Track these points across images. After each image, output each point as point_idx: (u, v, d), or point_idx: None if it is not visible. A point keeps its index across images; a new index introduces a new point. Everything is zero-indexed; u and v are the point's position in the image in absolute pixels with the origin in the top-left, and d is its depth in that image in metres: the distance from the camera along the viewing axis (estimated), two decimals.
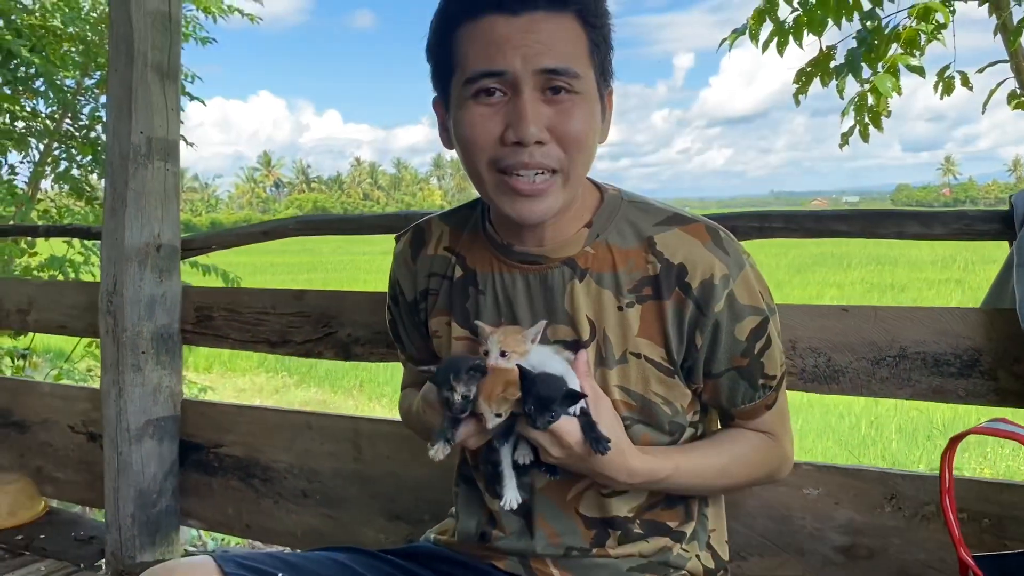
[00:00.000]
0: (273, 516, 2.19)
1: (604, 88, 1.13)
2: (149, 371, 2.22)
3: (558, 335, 1.17)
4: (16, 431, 2.65)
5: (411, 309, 1.34)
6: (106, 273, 2.21)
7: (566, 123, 1.07)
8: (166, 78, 2.23)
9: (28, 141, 6.69)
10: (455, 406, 1.08)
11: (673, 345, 1.14)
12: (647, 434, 1.18)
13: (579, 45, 1.08)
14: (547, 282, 1.18)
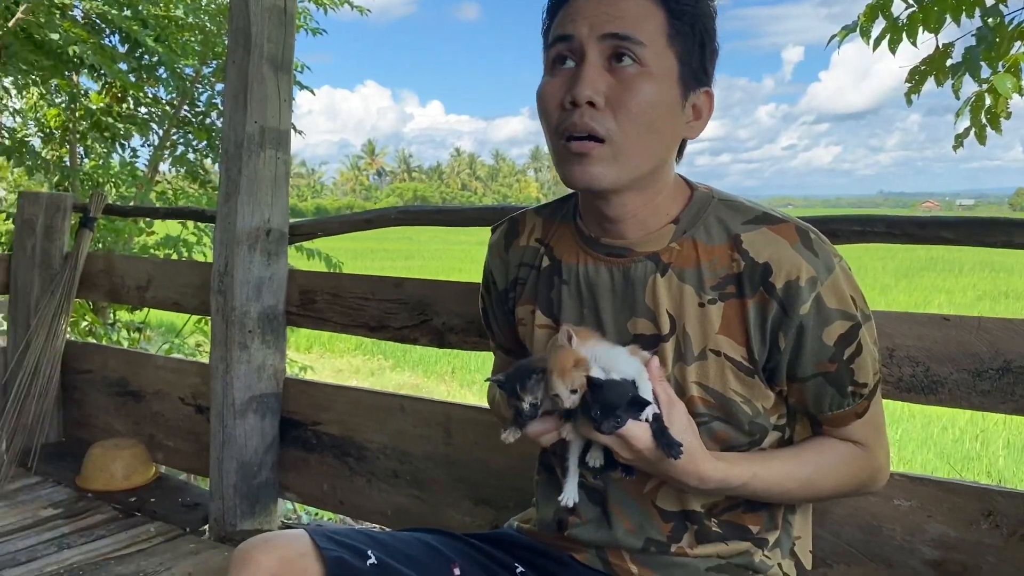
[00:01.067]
0: (365, 494, 2.27)
1: (691, 81, 1.14)
2: (255, 349, 2.34)
3: (638, 328, 1.18)
4: (132, 400, 2.83)
5: (501, 298, 1.38)
6: (218, 255, 2.33)
7: (623, 92, 1.09)
8: (280, 70, 2.33)
9: (149, 126, 7.05)
10: (525, 413, 1.10)
11: (755, 345, 1.13)
12: (725, 431, 1.17)
13: (651, 21, 1.10)
14: (630, 275, 1.19)
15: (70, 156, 6.56)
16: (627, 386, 1.07)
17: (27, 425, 2.73)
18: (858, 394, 1.17)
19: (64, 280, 2.85)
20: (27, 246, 2.88)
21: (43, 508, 2.46)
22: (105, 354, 3.00)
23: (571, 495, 1.20)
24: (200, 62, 6.52)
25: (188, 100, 6.83)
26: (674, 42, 1.10)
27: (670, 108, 1.12)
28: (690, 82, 1.13)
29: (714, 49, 1.16)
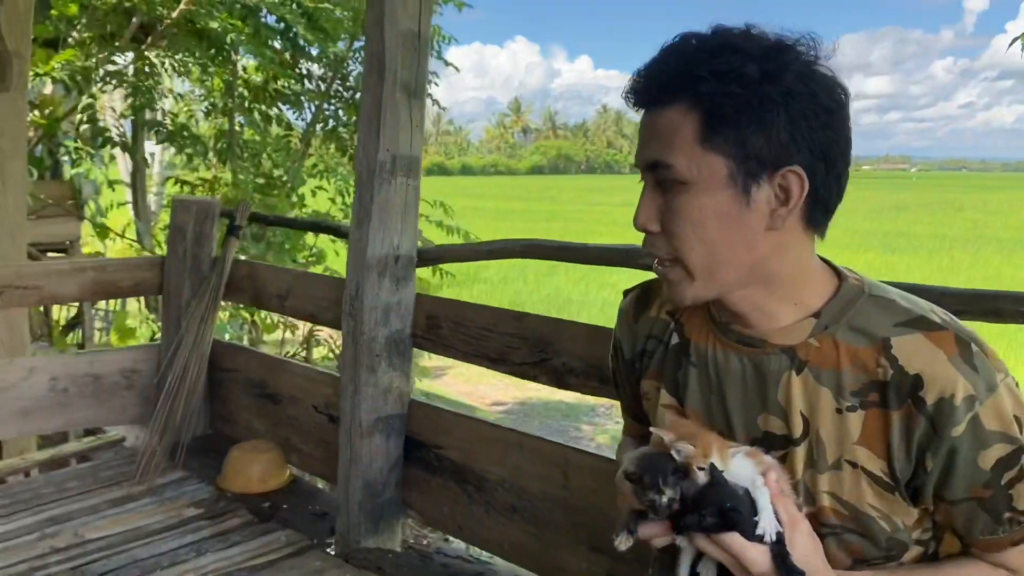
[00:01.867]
0: (483, 523, 2.29)
1: (759, 172, 1.01)
2: (381, 372, 2.39)
3: (769, 425, 1.10)
4: (271, 402, 2.96)
5: (628, 367, 1.33)
6: (350, 279, 2.38)
7: (668, 214, 1.05)
8: (412, 96, 2.33)
9: (302, 102, 7.30)
10: (661, 509, 1.04)
11: (898, 461, 1.03)
12: (859, 544, 1.08)
13: (682, 134, 1.01)
14: (761, 368, 1.11)
15: (229, 126, 6.90)
16: (728, 495, 1.00)
17: (176, 420, 2.91)
18: (1017, 521, 1.05)
19: (211, 284, 3.00)
20: (179, 251, 3.04)
21: (186, 507, 2.62)
22: (247, 356, 3.16)
23: None
24: (351, 38, 6.68)
25: (339, 76, 7.03)
26: (714, 142, 1.00)
27: (725, 214, 1.03)
28: (756, 171, 1.01)
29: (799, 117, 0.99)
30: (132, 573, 2.21)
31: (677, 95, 1.01)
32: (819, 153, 1.01)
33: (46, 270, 2.86)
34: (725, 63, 0.98)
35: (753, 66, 0.98)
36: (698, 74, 0.99)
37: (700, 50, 1.02)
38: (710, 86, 0.98)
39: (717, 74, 0.98)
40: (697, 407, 1.18)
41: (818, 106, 1.00)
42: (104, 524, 2.48)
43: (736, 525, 1.00)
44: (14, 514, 2.53)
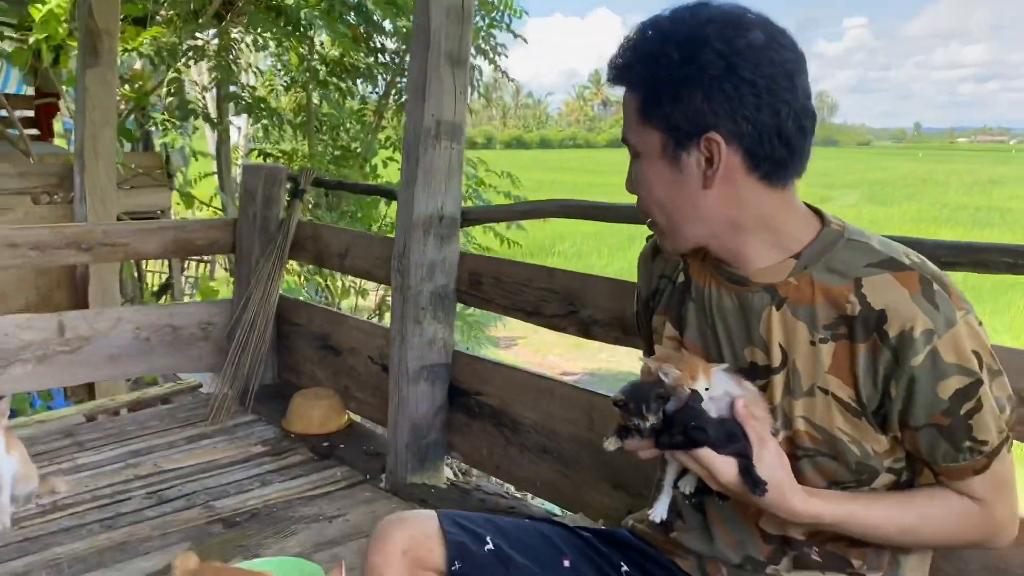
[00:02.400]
0: (518, 463, 2.46)
1: (685, 141, 1.13)
2: (427, 324, 2.58)
3: (754, 357, 1.24)
4: (332, 353, 3.20)
5: (644, 306, 1.48)
6: (399, 237, 2.57)
7: (634, 185, 1.23)
8: (456, 65, 2.48)
9: (375, 75, 7.53)
10: (644, 432, 1.19)
11: (864, 389, 1.15)
12: (831, 467, 1.20)
13: (630, 110, 1.18)
14: (746, 304, 1.24)
15: (307, 101, 7.19)
16: (695, 414, 1.14)
17: (246, 369, 3.18)
18: (976, 451, 1.15)
19: (278, 244, 3.24)
20: (249, 213, 3.29)
21: (254, 445, 2.88)
22: (311, 311, 3.40)
23: (660, 512, 1.31)
24: None
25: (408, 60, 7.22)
26: (650, 117, 1.15)
27: (666, 180, 1.18)
28: (683, 141, 1.14)
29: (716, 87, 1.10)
30: (203, 498, 2.46)
31: (625, 78, 1.18)
32: (744, 119, 1.11)
33: (131, 229, 3.14)
34: (650, 48, 1.14)
35: (672, 48, 1.12)
36: (632, 60, 1.16)
37: (641, 37, 1.16)
38: (639, 70, 1.15)
39: (643, 59, 1.15)
40: (695, 340, 1.32)
41: (739, 79, 1.10)
42: (180, 457, 2.76)
43: (701, 443, 1.14)
44: (103, 446, 2.82)
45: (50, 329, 2.99)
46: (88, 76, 3.95)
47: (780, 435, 1.20)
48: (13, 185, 4.33)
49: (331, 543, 2.22)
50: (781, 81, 1.12)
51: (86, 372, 3.13)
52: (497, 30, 6.77)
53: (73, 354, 3.05)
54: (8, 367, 2.91)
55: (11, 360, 2.93)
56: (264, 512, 2.38)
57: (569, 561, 1.44)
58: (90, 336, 3.08)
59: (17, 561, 2.08)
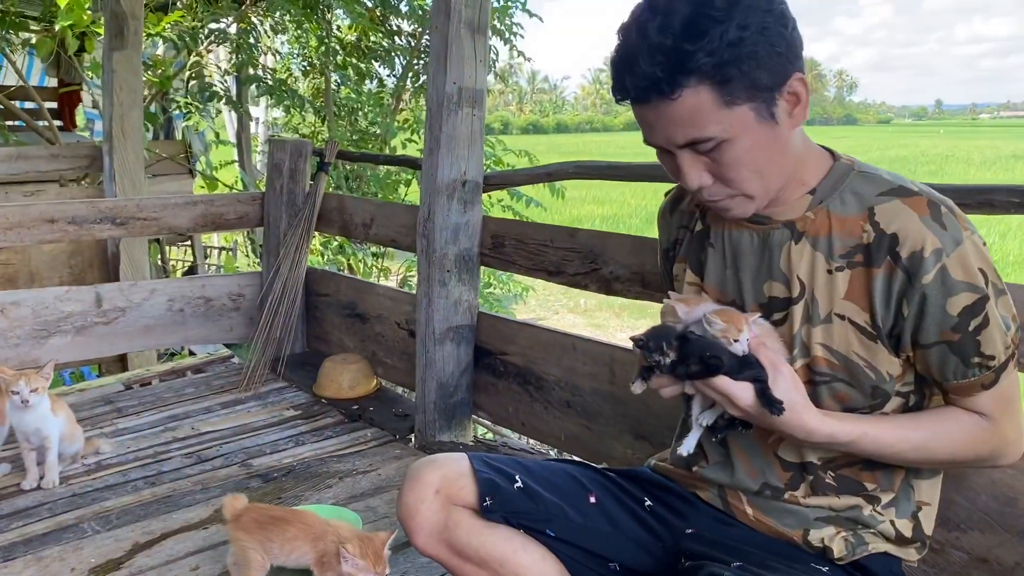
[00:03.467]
0: (543, 419, 2.54)
1: (773, 97, 1.17)
2: (452, 286, 2.65)
3: (773, 291, 1.31)
4: (360, 321, 3.28)
5: (664, 256, 1.55)
6: (423, 203, 2.64)
7: (719, 168, 1.20)
8: (476, 33, 2.54)
9: (392, 58, 7.58)
10: (664, 368, 1.26)
11: (879, 311, 1.21)
12: (846, 392, 1.26)
13: (704, 107, 1.14)
14: (768, 241, 1.31)
15: (326, 84, 7.26)
16: (708, 344, 1.22)
17: (276, 338, 3.27)
18: (984, 366, 1.22)
19: (305, 216, 3.32)
20: (276, 186, 3.37)
21: (286, 409, 2.98)
22: (338, 281, 3.48)
23: (689, 445, 1.39)
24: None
25: (428, 31, 7.27)
26: (735, 98, 1.15)
27: (765, 142, 1.19)
28: (771, 98, 1.17)
29: (777, 42, 1.14)
30: (240, 457, 2.56)
31: (680, 83, 1.13)
32: (797, 52, 1.18)
33: (163, 203, 3.23)
34: (708, 37, 1.11)
35: (728, 25, 1.11)
36: (693, 59, 1.11)
37: (673, 35, 1.12)
38: (708, 62, 1.11)
39: (708, 50, 1.11)
40: (714, 283, 1.39)
41: (781, 21, 1.16)
42: (216, 421, 2.86)
43: (716, 369, 1.21)
44: (141, 412, 2.93)
45: (88, 301, 3.10)
46: (115, 59, 4.04)
47: (798, 362, 1.27)
48: (44, 167, 4.44)
49: (364, 495, 2.30)
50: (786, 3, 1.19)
51: (123, 343, 3.24)
52: (515, 8, 6.81)
53: (109, 325, 3.16)
54: (49, 338, 3.02)
55: (51, 331, 3.03)
56: (299, 468, 2.47)
57: (595, 497, 1.51)
58: (126, 308, 3.18)
59: (68, 514, 2.18)
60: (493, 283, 6.17)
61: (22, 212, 2.93)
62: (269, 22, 6.39)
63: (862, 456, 1.29)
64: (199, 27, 5.75)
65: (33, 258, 4.08)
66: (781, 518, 1.36)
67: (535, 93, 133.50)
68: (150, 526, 2.12)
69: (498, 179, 2.70)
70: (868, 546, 1.32)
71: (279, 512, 1.55)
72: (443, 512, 1.48)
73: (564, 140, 66.49)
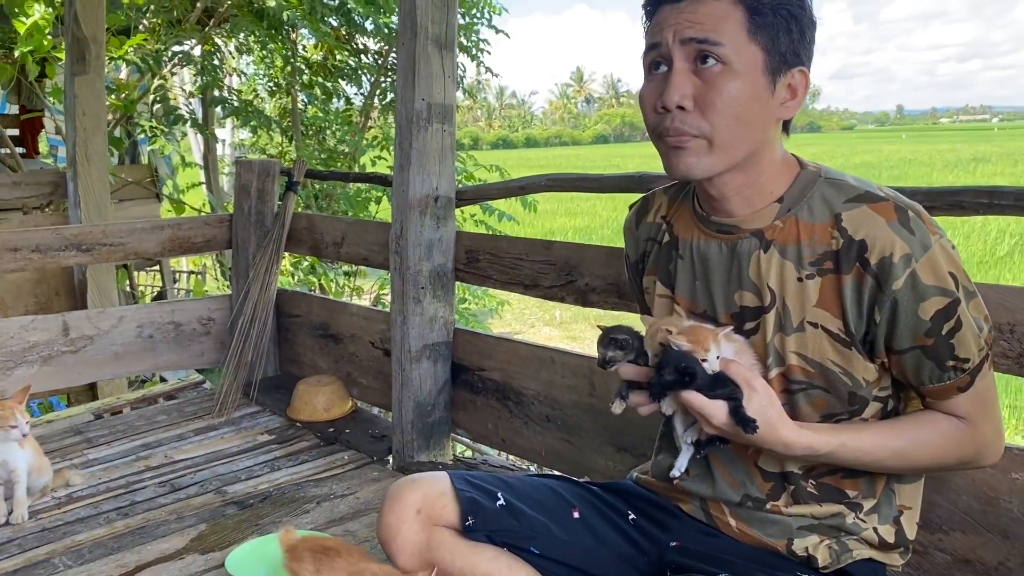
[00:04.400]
0: (523, 435, 2.52)
1: (781, 65, 1.20)
2: (427, 303, 2.63)
3: (744, 300, 1.30)
4: (333, 342, 3.24)
5: (634, 269, 1.54)
6: (395, 220, 2.62)
7: (708, 92, 1.19)
8: (444, 49, 2.53)
9: (359, 76, 7.57)
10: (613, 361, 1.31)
11: (851, 318, 1.21)
12: (824, 399, 1.25)
13: (730, 21, 1.17)
14: (736, 250, 1.30)
15: (292, 104, 7.23)
16: (680, 356, 1.21)
17: (248, 361, 3.22)
18: (960, 369, 1.21)
19: (274, 237, 3.28)
20: (244, 207, 3.33)
21: (260, 434, 2.93)
22: (310, 301, 3.44)
23: (681, 465, 1.37)
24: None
25: (394, 49, 7.27)
26: (756, 35, 1.18)
27: (758, 97, 1.20)
28: (779, 67, 1.20)
29: (805, 27, 1.21)
30: (215, 484, 2.50)
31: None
32: (811, 52, 1.22)
33: (130, 228, 3.17)
34: None
35: None
36: None
37: None
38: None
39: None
40: (684, 293, 1.38)
41: (812, 17, 1.21)
42: (190, 448, 2.80)
43: (692, 380, 1.19)
44: (113, 441, 2.86)
45: (55, 329, 3.03)
46: (77, 84, 3.99)
47: (773, 371, 1.26)
48: (7, 195, 4.36)
49: (343, 519, 2.26)
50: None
51: (91, 371, 3.17)
52: (480, 26, 6.84)
53: (78, 354, 3.09)
54: (14, 368, 2.95)
55: (17, 362, 2.96)
56: (276, 494, 2.43)
57: (579, 512, 1.50)
58: (94, 335, 3.12)
59: (39, 549, 2.12)
60: (468, 298, 6.16)
61: None
62: (233, 43, 6.35)
63: (842, 465, 1.28)
64: (162, 50, 5.70)
65: None
66: (764, 528, 1.35)
67: (503, 108, 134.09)
68: (124, 559, 2.06)
69: (471, 194, 2.68)
70: (852, 553, 1.31)
71: (331, 543, 1.50)
72: (424, 532, 1.46)
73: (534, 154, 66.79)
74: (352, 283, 6.35)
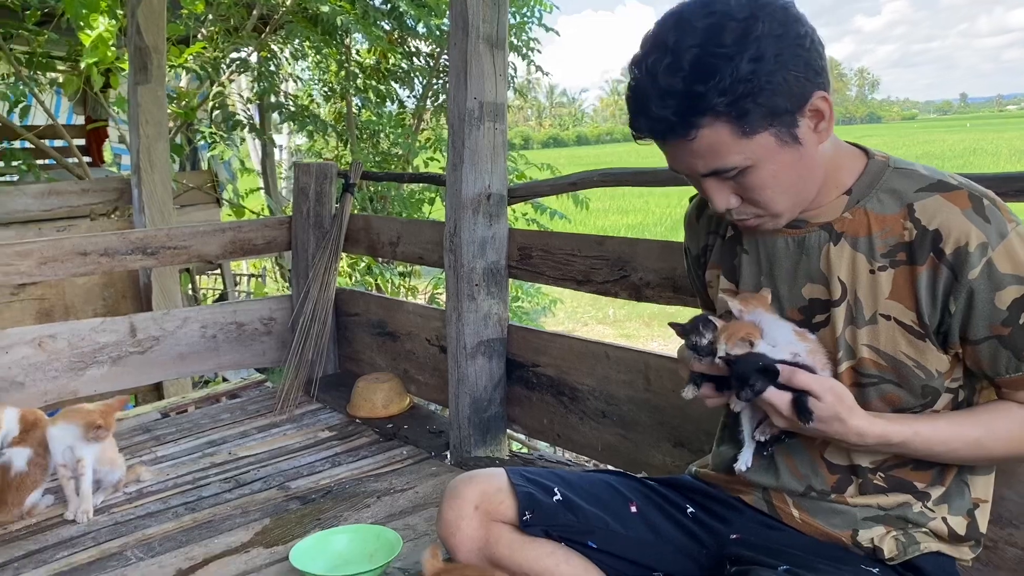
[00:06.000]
0: (578, 430, 2.52)
1: (795, 119, 1.16)
2: (481, 300, 2.65)
3: (813, 294, 1.29)
4: (390, 340, 3.29)
5: (695, 262, 1.54)
6: (449, 218, 2.65)
7: (745, 191, 1.21)
8: (495, 47, 2.55)
9: (412, 78, 7.65)
10: (703, 350, 1.27)
11: (925, 309, 1.19)
12: (895, 394, 1.24)
13: (725, 141, 1.14)
14: (804, 244, 1.29)
15: (346, 108, 7.33)
16: (757, 357, 1.20)
17: (309, 360, 3.28)
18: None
19: (332, 237, 3.34)
20: (303, 209, 3.40)
21: (321, 431, 2.98)
22: (367, 300, 3.49)
23: (745, 460, 1.37)
24: None
25: (446, 51, 7.33)
26: (754, 129, 1.14)
27: (791, 162, 1.19)
28: (793, 120, 1.16)
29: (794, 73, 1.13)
30: (278, 480, 2.56)
31: (695, 123, 1.13)
32: (817, 70, 1.17)
33: (193, 231, 3.26)
34: (718, 75, 1.09)
35: (739, 60, 1.09)
36: (705, 100, 1.10)
37: (684, 77, 1.11)
38: (723, 100, 1.10)
39: (720, 89, 1.10)
40: (750, 288, 1.38)
41: (797, 42, 1.14)
42: (253, 445, 2.87)
43: (776, 375, 1.19)
44: (179, 439, 2.95)
45: (122, 331, 3.13)
46: (140, 93, 4.11)
47: (844, 364, 1.25)
48: (75, 202, 4.51)
49: (403, 513, 2.30)
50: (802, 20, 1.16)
51: (158, 371, 3.27)
52: (531, 24, 6.84)
53: (145, 354, 3.19)
54: (86, 369, 3.06)
55: (88, 363, 3.07)
56: (337, 489, 2.47)
57: (636, 507, 1.50)
58: (160, 336, 3.21)
59: (112, 542, 2.20)
60: (521, 296, 6.17)
61: (55, 246, 2.98)
62: (289, 49, 6.47)
63: (915, 456, 1.27)
64: (221, 57, 5.83)
65: (68, 292, 4.14)
66: (828, 519, 1.34)
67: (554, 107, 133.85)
68: (192, 552, 2.13)
69: (523, 191, 2.69)
70: (920, 545, 1.29)
71: (472, 572, 1.49)
72: (483, 528, 1.48)
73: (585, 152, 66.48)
74: (407, 283, 6.41)
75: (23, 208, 4.36)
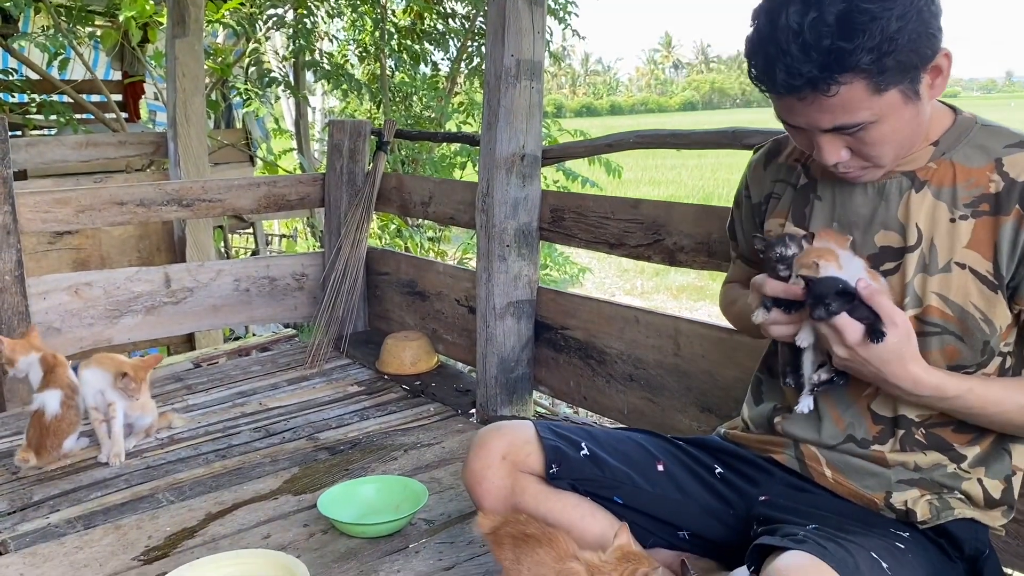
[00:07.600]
0: (605, 393, 2.53)
1: (919, 76, 1.17)
2: (512, 261, 2.65)
3: (886, 240, 1.29)
4: (419, 299, 3.30)
5: (753, 211, 1.52)
6: (482, 178, 2.64)
7: (861, 146, 1.21)
8: (534, 4, 2.52)
9: (447, 40, 7.60)
10: (786, 258, 1.27)
11: (1003, 260, 1.21)
12: (955, 347, 1.24)
13: (859, 98, 1.14)
14: (883, 191, 1.30)
15: (381, 70, 7.31)
16: (836, 280, 1.20)
17: (339, 316, 3.31)
18: None
19: (365, 195, 3.35)
20: (336, 167, 3.40)
21: (350, 385, 3.01)
22: (398, 259, 3.51)
23: (806, 404, 1.35)
24: None
25: (481, 13, 7.28)
26: (888, 85, 1.14)
27: (908, 118, 1.20)
28: (916, 78, 1.17)
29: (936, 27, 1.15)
30: (307, 431, 2.60)
31: (839, 79, 1.12)
32: (941, 26, 1.17)
33: (227, 185, 3.28)
34: (867, 33, 1.10)
35: (888, 18, 1.10)
36: (852, 57, 1.10)
37: (831, 34, 1.10)
38: (868, 59, 1.11)
39: (867, 47, 1.10)
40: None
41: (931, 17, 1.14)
42: (283, 396, 2.91)
43: (852, 298, 1.18)
44: (211, 389, 3.00)
45: (157, 281, 3.17)
46: (177, 46, 4.12)
47: (909, 312, 1.24)
48: (112, 154, 4.55)
49: (429, 467, 2.32)
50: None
51: (191, 322, 3.31)
52: None
53: (178, 305, 3.23)
54: (120, 317, 3.11)
55: (123, 311, 3.12)
56: (365, 441, 2.50)
57: (663, 465, 1.50)
58: (194, 288, 3.25)
59: (143, 485, 2.25)
60: (550, 264, 6.16)
61: (92, 195, 3.01)
62: (325, 7, 6.44)
63: (964, 415, 1.26)
64: (257, 14, 5.83)
65: (104, 243, 4.19)
66: (862, 480, 1.34)
67: (588, 75, 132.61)
68: (222, 496, 2.17)
69: (557, 151, 2.68)
70: (954, 511, 1.29)
71: (534, 530, 1.46)
72: (509, 478, 1.49)
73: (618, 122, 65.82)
74: (437, 247, 6.43)
75: (61, 158, 4.41)
